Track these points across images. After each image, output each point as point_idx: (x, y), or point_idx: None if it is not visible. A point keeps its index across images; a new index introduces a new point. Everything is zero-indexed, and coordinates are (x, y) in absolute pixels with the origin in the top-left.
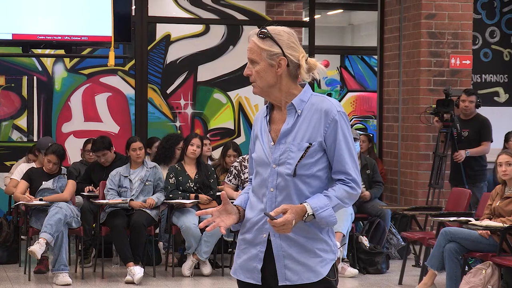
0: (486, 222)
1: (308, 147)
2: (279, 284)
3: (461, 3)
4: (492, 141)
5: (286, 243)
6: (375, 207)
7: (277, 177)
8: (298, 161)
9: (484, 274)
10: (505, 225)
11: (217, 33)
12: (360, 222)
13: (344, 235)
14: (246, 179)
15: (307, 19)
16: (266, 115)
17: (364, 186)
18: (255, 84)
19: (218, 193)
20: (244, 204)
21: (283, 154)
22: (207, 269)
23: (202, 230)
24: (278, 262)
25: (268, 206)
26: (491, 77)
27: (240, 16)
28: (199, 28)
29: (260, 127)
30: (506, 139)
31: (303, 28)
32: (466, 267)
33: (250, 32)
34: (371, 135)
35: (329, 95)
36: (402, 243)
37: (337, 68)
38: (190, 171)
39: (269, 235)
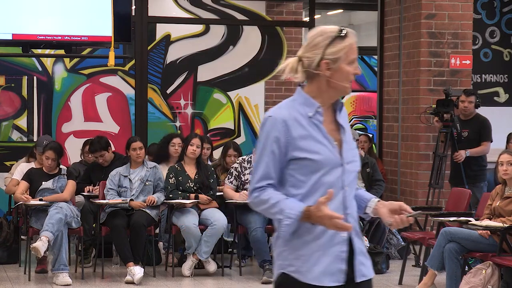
0: (486, 222)
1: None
2: (357, 281)
3: (461, 3)
4: (492, 141)
5: (358, 239)
6: None
7: (349, 176)
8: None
9: (484, 274)
10: (505, 225)
11: (217, 33)
12: (360, 222)
13: None
14: (247, 180)
15: (307, 19)
16: (313, 115)
17: (364, 185)
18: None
19: (218, 193)
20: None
21: (349, 152)
22: (212, 266)
23: (202, 230)
24: (357, 259)
25: (343, 205)
26: (491, 77)
27: (240, 16)
28: (199, 28)
29: (306, 128)
30: (508, 140)
31: (303, 28)
32: (466, 267)
33: (347, 30)
34: (371, 135)
35: None
36: (402, 243)
37: None
38: (190, 171)
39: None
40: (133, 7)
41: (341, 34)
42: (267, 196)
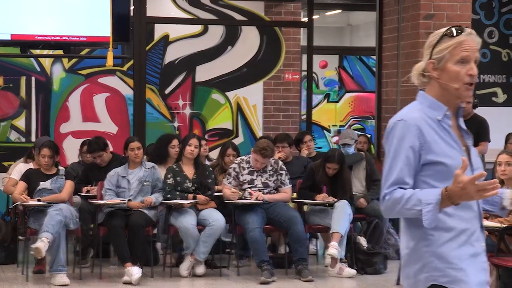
0: (484, 222)
1: None
2: None
3: (460, 3)
4: (489, 141)
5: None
6: (373, 207)
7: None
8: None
9: None
10: (503, 225)
11: (216, 33)
12: (358, 222)
13: (342, 236)
14: (245, 181)
15: (305, 19)
16: (442, 119)
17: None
18: (473, 87)
19: (216, 193)
20: None
21: (476, 158)
22: (200, 269)
23: (200, 231)
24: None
25: (478, 213)
26: (489, 78)
27: (238, 17)
28: (197, 28)
29: (438, 132)
30: (507, 140)
31: (302, 29)
32: None
33: (462, 28)
34: (369, 135)
35: (328, 95)
36: None
37: (336, 68)
38: (188, 171)
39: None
40: (132, 7)
41: (448, 32)
42: (400, 193)
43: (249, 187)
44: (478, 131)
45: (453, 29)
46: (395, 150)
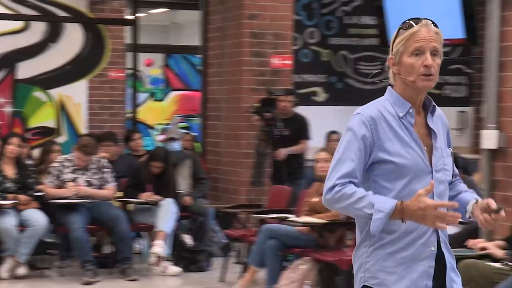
0: (305, 219)
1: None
2: None
3: (282, 4)
4: (310, 140)
5: (449, 254)
6: (198, 205)
7: (439, 185)
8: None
9: (303, 269)
10: (323, 221)
11: (37, 30)
12: (183, 220)
13: (167, 234)
14: (68, 180)
15: (130, 17)
16: (404, 116)
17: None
18: (433, 78)
19: (37, 193)
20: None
21: (439, 160)
22: (21, 270)
23: (22, 231)
24: (448, 276)
25: None
26: (310, 77)
27: (61, 13)
28: (19, 24)
29: (395, 130)
30: (327, 139)
31: (127, 27)
32: (286, 263)
33: (419, 19)
34: (195, 134)
35: (153, 94)
36: (225, 241)
37: (161, 66)
38: (8, 171)
39: (437, 248)
40: None
41: (403, 25)
42: (352, 190)
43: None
44: (299, 130)
45: (408, 21)
46: (348, 141)
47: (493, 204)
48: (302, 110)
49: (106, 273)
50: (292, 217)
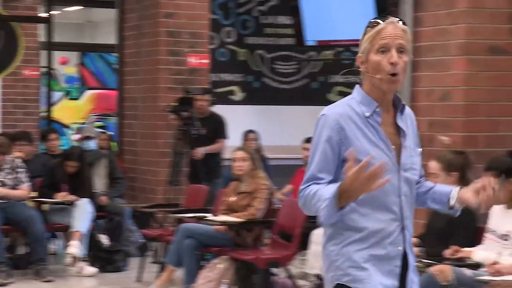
0: (222, 218)
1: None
2: None
3: (198, 3)
4: (227, 139)
5: (412, 254)
6: (114, 205)
7: (405, 184)
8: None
9: (220, 268)
10: (240, 220)
11: None
12: (100, 220)
13: (83, 234)
14: None
15: (44, 15)
16: (370, 115)
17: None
18: (399, 78)
19: None
20: None
21: (408, 159)
22: None
23: None
24: (409, 277)
25: (400, 215)
26: (227, 76)
27: None
28: None
29: (362, 129)
30: (244, 138)
31: (41, 24)
32: (203, 262)
33: (386, 17)
34: (111, 133)
35: (68, 92)
36: (142, 241)
37: (76, 65)
38: None
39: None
40: None
41: (370, 24)
42: (309, 190)
43: None
44: (216, 129)
45: (374, 20)
46: (314, 145)
47: (492, 181)
48: (219, 109)
49: (20, 274)
50: (209, 216)
